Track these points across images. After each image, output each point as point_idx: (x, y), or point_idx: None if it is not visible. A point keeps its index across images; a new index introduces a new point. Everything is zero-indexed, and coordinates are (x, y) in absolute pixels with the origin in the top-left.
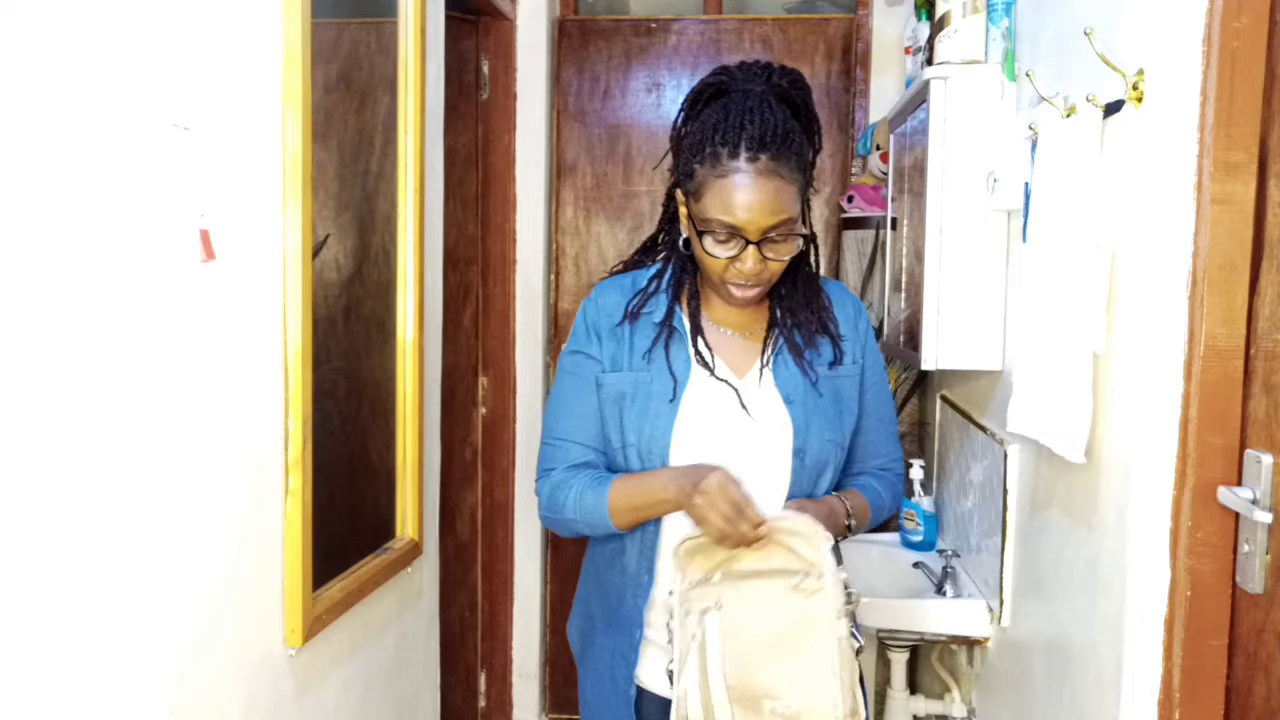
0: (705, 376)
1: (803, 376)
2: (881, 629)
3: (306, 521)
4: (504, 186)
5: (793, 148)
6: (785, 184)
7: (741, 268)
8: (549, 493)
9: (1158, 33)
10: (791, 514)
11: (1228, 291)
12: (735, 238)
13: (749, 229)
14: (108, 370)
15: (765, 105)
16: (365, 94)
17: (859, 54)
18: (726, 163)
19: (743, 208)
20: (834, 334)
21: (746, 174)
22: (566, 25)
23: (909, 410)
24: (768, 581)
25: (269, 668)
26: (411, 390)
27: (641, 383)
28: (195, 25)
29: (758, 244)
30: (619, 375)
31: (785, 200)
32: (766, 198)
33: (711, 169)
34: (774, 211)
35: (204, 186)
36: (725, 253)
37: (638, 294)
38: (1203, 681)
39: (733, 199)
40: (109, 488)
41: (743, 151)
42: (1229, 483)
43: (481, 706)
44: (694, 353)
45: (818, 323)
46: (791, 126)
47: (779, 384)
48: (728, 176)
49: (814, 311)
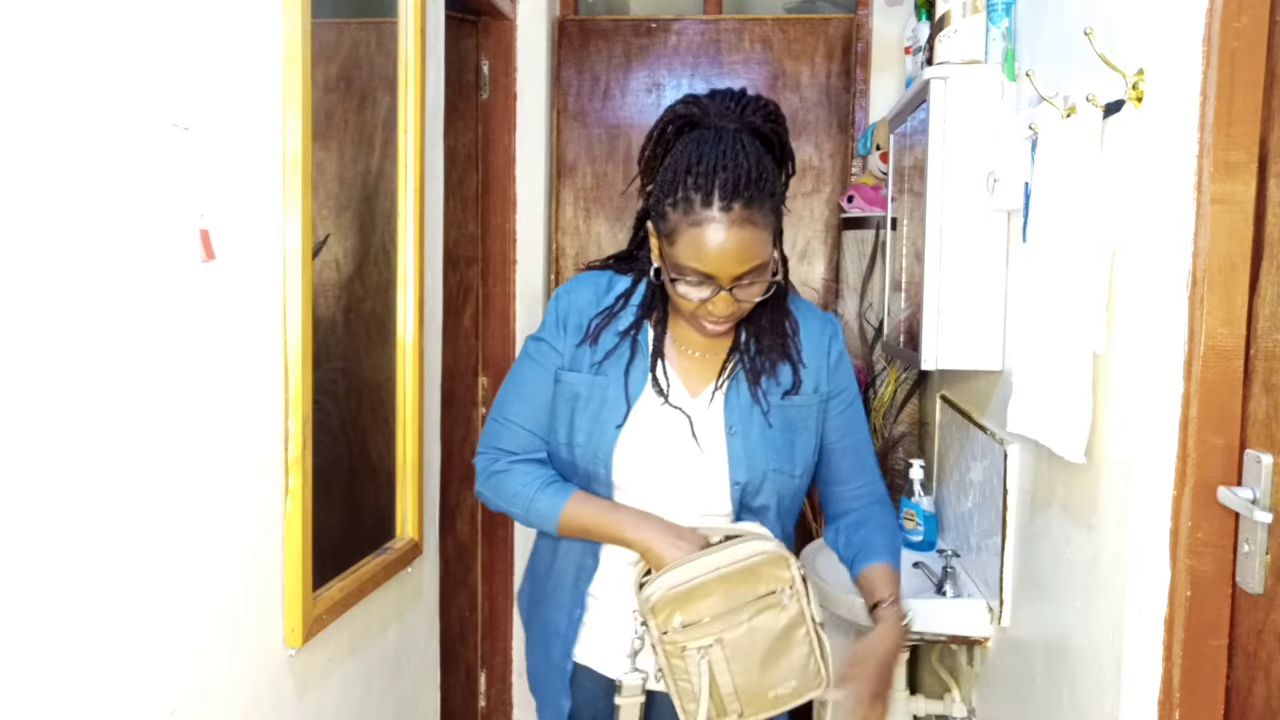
0: (656, 402)
1: (753, 405)
2: None
3: (306, 521)
4: (504, 186)
5: (766, 189)
6: (758, 230)
7: (714, 309)
8: (490, 475)
9: (1158, 33)
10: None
11: (1228, 291)
12: (707, 283)
13: (722, 276)
14: (108, 370)
15: (739, 147)
16: (365, 94)
17: (859, 54)
18: (700, 210)
19: (716, 257)
20: (795, 361)
21: (720, 224)
22: (566, 25)
23: (909, 410)
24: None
25: (269, 668)
26: (411, 390)
27: (597, 387)
28: (195, 25)
29: (729, 288)
30: (577, 375)
31: (758, 247)
32: (739, 247)
33: (685, 215)
34: (747, 260)
35: (204, 186)
36: (698, 295)
37: (603, 311)
38: (1203, 681)
39: (706, 249)
40: (109, 488)
41: (716, 200)
42: (1229, 483)
43: (481, 706)
44: (652, 376)
45: (780, 349)
46: (765, 167)
47: (727, 411)
48: (701, 226)
49: (779, 336)
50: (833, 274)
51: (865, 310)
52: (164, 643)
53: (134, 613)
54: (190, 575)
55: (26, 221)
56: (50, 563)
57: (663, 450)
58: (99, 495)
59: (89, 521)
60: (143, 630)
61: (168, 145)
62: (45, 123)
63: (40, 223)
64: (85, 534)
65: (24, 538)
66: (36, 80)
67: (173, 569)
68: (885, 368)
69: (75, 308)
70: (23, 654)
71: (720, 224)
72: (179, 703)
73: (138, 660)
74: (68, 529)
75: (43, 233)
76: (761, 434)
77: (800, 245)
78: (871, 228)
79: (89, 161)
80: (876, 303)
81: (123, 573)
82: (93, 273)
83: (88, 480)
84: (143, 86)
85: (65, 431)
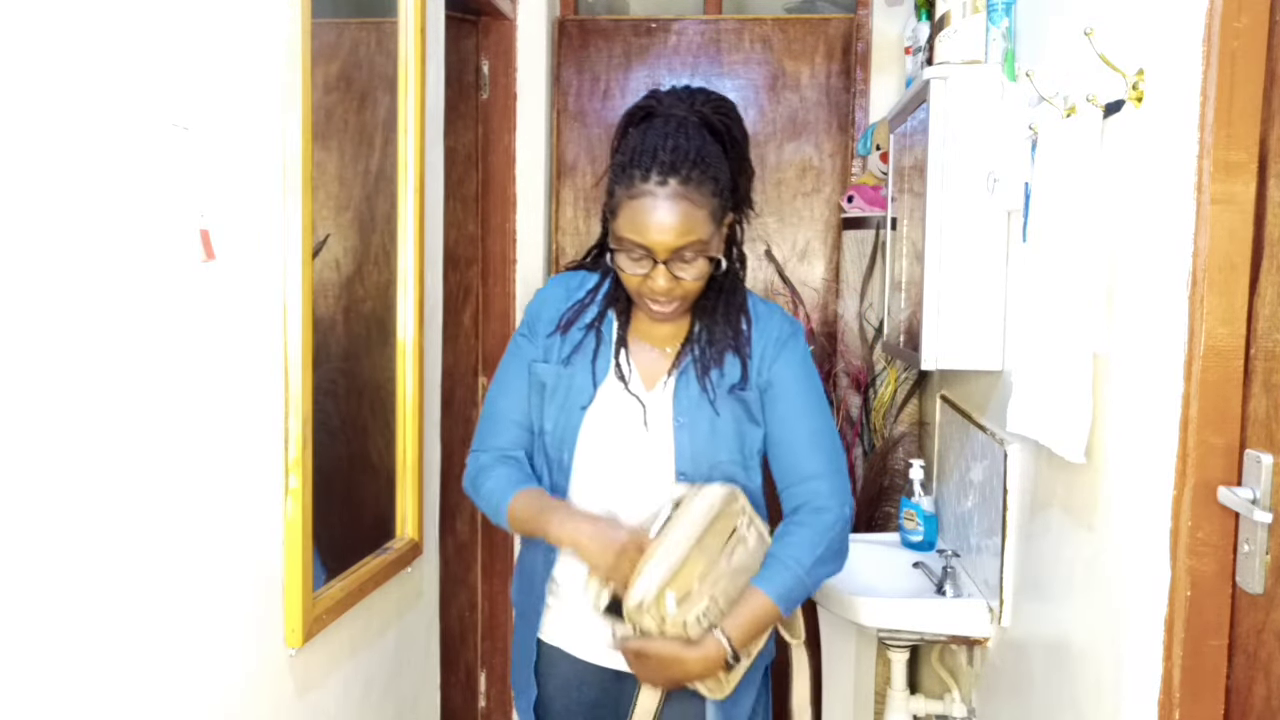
0: (619, 386)
1: (701, 396)
2: (881, 629)
3: (306, 521)
4: (504, 186)
5: (708, 173)
6: (694, 208)
7: (653, 285)
8: (474, 473)
9: (1158, 33)
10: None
11: (1228, 291)
12: (645, 257)
13: (657, 249)
14: (108, 370)
15: (682, 131)
16: (365, 94)
17: (859, 54)
18: (639, 185)
19: (650, 228)
20: (743, 355)
21: (655, 196)
22: (566, 25)
23: (909, 410)
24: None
25: (269, 668)
26: (411, 390)
27: (563, 378)
28: (195, 25)
29: (666, 263)
30: (546, 367)
31: (693, 223)
32: (673, 220)
33: (626, 190)
34: (681, 233)
35: (204, 186)
36: (637, 270)
37: (574, 304)
38: (1203, 681)
39: (641, 219)
40: (109, 488)
41: (653, 175)
42: (1229, 483)
43: (481, 706)
44: (614, 364)
45: (730, 341)
46: (708, 152)
47: (675, 402)
48: (638, 198)
49: (730, 328)
50: (833, 274)
51: (865, 310)
52: (164, 642)
53: (134, 613)
54: (190, 575)
55: (27, 221)
56: (49, 563)
57: (618, 438)
58: (98, 496)
59: (88, 522)
60: (142, 630)
61: (168, 145)
62: (46, 123)
63: (41, 223)
64: (84, 534)
65: (23, 538)
66: (37, 80)
67: (173, 569)
68: (885, 368)
69: (75, 308)
70: (23, 654)
71: (655, 197)
72: (179, 703)
73: (137, 660)
74: (67, 529)
75: (43, 233)
76: (710, 425)
77: (800, 245)
78: (871, 228)
79: (89, 161)
80: (876, 303)
81: (122, 573)
82: (93, 273)
83: (87, 481)
84: (143, 86)
85: (65, 431)
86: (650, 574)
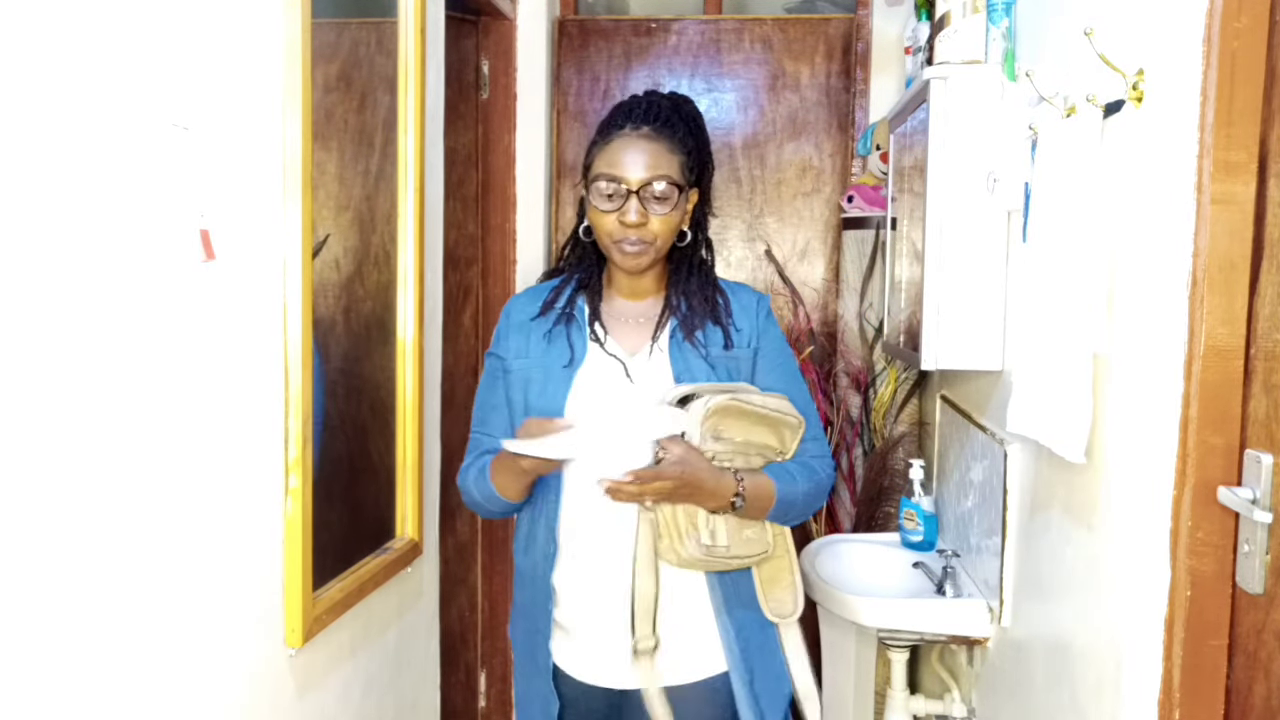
0: (599, 353)
1: (695, 353)
2: (881, 629)
3: (306, 521)
4: (504, 186)
5: (677, 132)
6: (665, 150)
7: (625, 219)
8: (462, 480)
9: (1158, 33)
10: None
11: (1228, 291)
12: (618, 192)
13: (629, 179)
14: (108, 370)
15: (654, 101)
16: (365, 94)
17: (859, 54)
18: (615, 133)
19: (623, 161)
20: (724, 324)
21: (629, 135)
22: (566, 25)
23: (909, 410)
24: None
25: (269, 668)
26: (411, 390)
27: (542, 364)
28: (195, 25)
29: (638, 195)
30: (524, 361)
31: (663, 161)
32: (645, 154)
33: (603, 141)
34: (651, 167)
35: (204, 186)
36: (610, 206)
37: (552, 290)
38: (1203, 681)
39: (615, 155)
40: (109, 487)
41: (628, 124)
42: (1229, 483)
43: (481, 706)
44: (590, 332)
45: (709, 312)
46: (677, 119)
47: (672, 362)
48: (613, 140)
49: (707, 301)
50: (833, 274)
51: (865, 310)
52: (164, 642)
53: (134, 613)
54: (190, 575)
55: (27, 221)
56: (49, 563)
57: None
58: (98, 495)
59: (88, 522)
60: (142, 630)
61: (168, 145)
62: (46, 123)
63: (41, 223)
64: (84, 534)
65: (23, 538)
66: (37, 80)
67: (172, 569)
68: (885, 368)
69: (75, 308)
70: (22, 654)
71: (629, 135)
72: (179, 703)
73: (137, 660)
74: (66, 529)
75: (43, 233)
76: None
77: (800, 245)
78: (871, 228)
79: (89, 161)
80: (876, 303)
81: (122, 573)
82: (93, 273)
83: (87, 481)
84: (143, 86)
85: (64, 431)
86: (713, 396)
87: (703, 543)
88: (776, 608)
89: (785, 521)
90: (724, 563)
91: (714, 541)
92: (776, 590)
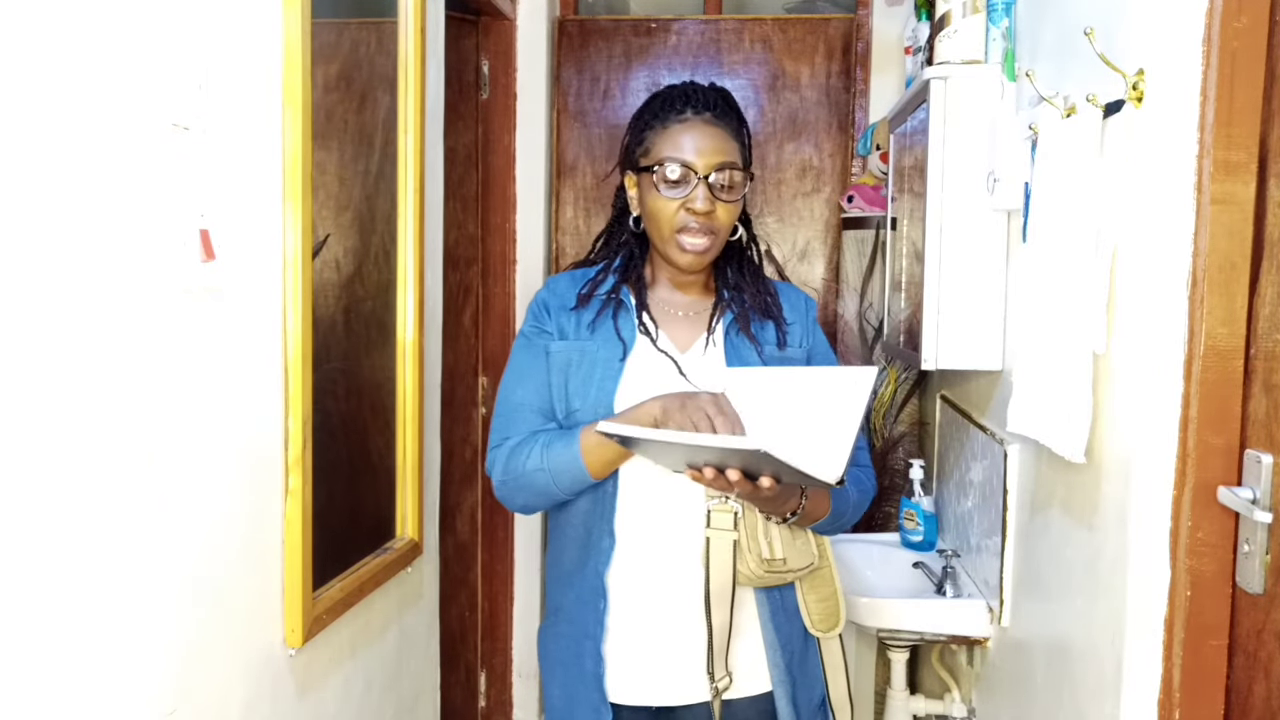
0: (648, 346)
1: (752, 353)
2: (881, 629)
3: (306, 521)
4: (504, 186)
5: (733, 118)
6: (729, 137)
7: (693, 206)
8: (508, 454)
9: (1158, 33)
10: None
11: (1228, 291)
12: (686, 178)
13: (698, 164)
14: (108, 370)
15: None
16: (365, 94)
17: (859, 54)
18: (675, 118)
19: (692, 145)
20: (777, 318)
21: (694, 122)
22: (566, 25)
23: (909, 410)
24: None
25: (269, 668)
26: (411, 390)
27: (588, 350)
28: (195, 25)
29: (706, 180)
30: (566, 344)
31: (730, 148)
32: (713, 140)
33: (662, 126)
34: (720, 151)
35: (204, 186)
36: (677, 193)
37: (588, 281)
38: (1203, 681)
39: (682, 139)
40: (109, 487)
41: (689, 109)
42: (1229, 483)
43: (481, 706)
44: (638, 324)
45: (762, 306)
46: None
47: (727, 359)
48: (676, 124)
49: (760, 295)
50: (833, 274)
51: (865, 310)
52: (164, 643)
53: (133, 613)
54: (190, 575)
55: (27, 221)
56: (49, 563)
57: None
58: (98, 495)
59: (88, 522)
60: (142, 630)
61: (168, 145)
62: (45, 123)
63: (40, 223)
64: (84, 534)
65: (23, 538)
66: (37, 80)
67: (173, 569)
68: (885, 368)
69: (75, 308)
70: (22, 654)
71: (694, 121)
72: (178, 703)
73: (137, 660)
74: (66, 529)
75: (43, 233)
76: None
77: (800, 245)
78: (871, 228)
79: (89, 161)
80: (876, 303)
81: (122, 573)
82: (93, 273)
83: (87, 480)
84: (143, 86)
85: (64, 431)
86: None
87: (764, 557)
88: (821, 622)
89: (829, 531)
90: (780, 577)
91: (772, 554)
92: (821, 603)
